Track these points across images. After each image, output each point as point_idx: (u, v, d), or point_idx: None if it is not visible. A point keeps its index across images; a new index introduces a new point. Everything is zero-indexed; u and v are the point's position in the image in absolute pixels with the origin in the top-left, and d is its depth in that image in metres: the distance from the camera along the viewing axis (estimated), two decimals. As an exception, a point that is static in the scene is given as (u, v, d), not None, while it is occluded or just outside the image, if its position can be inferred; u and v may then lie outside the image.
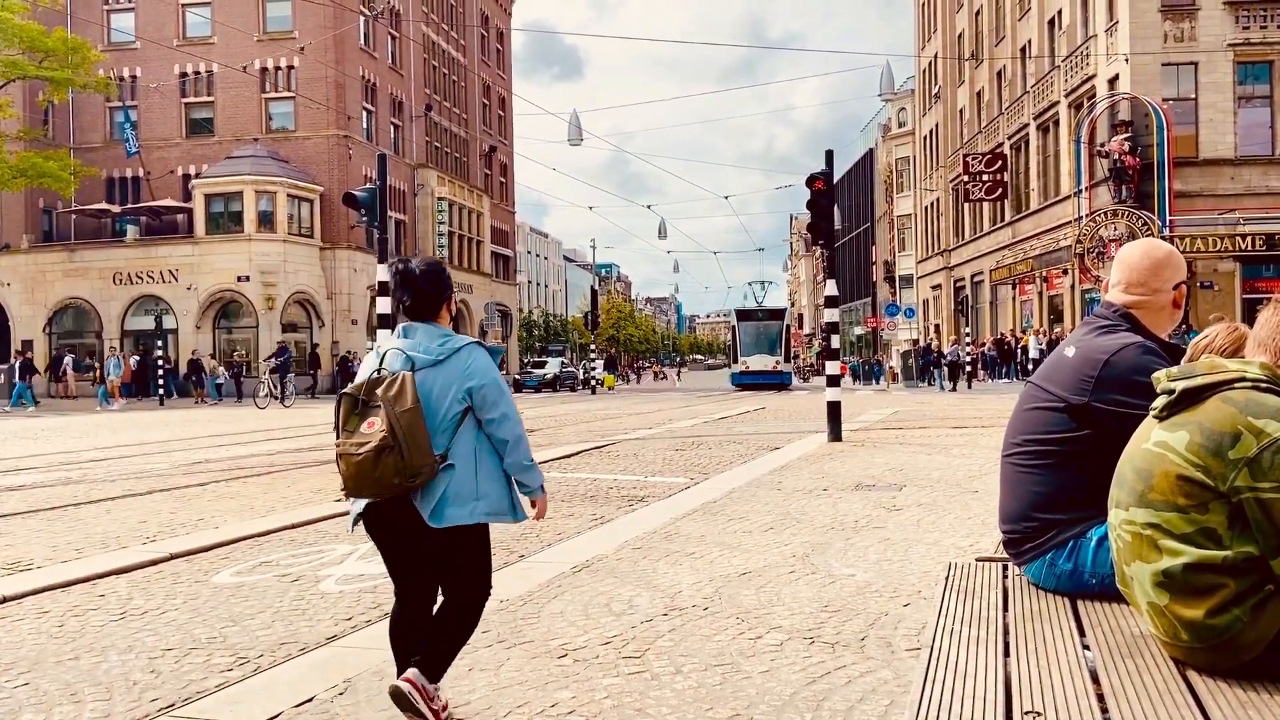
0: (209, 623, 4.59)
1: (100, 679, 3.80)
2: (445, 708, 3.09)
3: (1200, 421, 2.03)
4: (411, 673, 3.03)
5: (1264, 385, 2.06)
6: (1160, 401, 2.15)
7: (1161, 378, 2.20)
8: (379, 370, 3.08)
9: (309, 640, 4.28)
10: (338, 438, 3.04)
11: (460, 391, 3.06)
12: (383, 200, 10.79)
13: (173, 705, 3.48)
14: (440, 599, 3.18)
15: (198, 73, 41.38)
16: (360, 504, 3.08)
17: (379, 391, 2.98)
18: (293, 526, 7.18)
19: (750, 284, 54.15)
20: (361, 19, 42.37)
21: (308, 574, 5.59)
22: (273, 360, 30.10)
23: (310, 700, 3.45)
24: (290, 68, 41.15)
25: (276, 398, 28.50)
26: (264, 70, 41.29)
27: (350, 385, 3.12)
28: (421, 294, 3.17)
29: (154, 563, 5.95)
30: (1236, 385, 2.05)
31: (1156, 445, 2.10)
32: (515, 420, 3.15)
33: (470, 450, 3.06)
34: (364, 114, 43.39)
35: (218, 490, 9.50)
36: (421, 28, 48.61)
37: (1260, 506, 1.95)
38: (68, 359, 36.71)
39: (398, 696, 2.99)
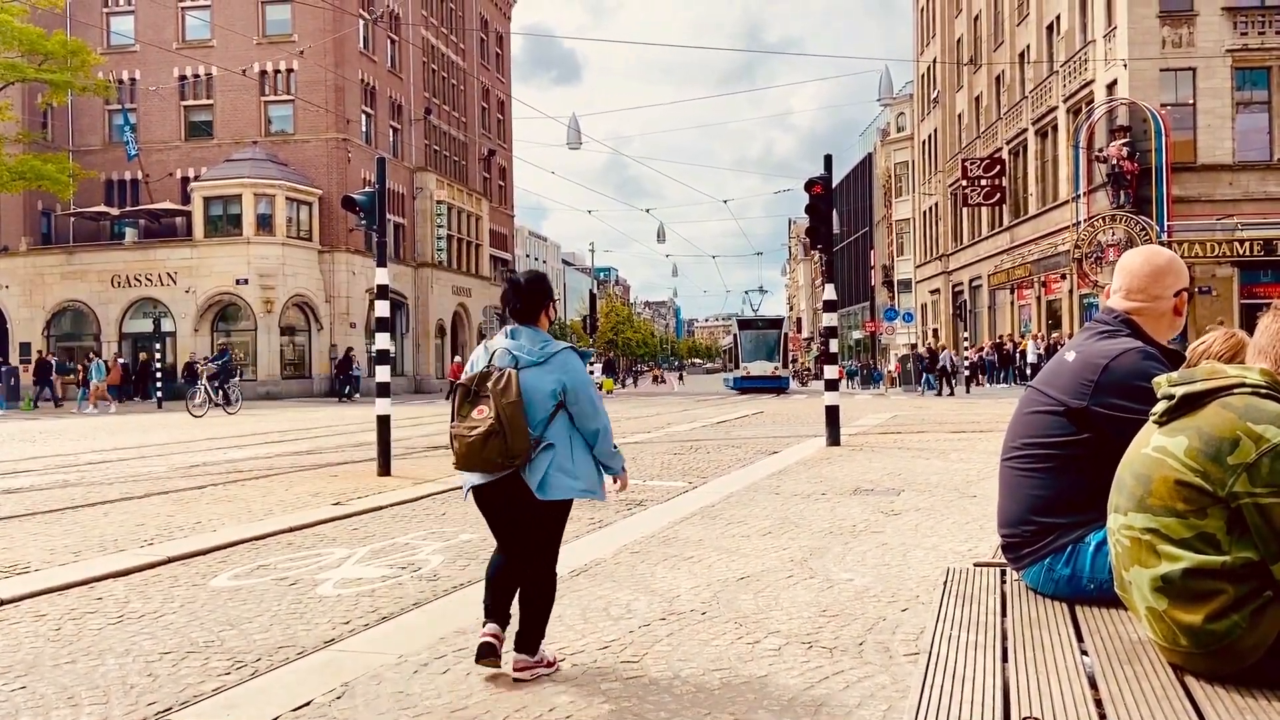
0: (206, 626, 4.58)
1: (97, 682, 3.79)
2: (553, 662, 3.74)
3: (1199, 427, 2.03)
4: (516, 659, 3.65)
5: (1264, 391, 2.06)
6: (1160, 407, 2.15)
7: (1162, 383, 2.20)
8: (489, 365, 3.64)
9: (306, 644, 4.27)
10: (453, 421, 3.64)
11: (556, 388, 3.61)
12: (381, 203, 10.77)
13: (170, 709, 3.48)
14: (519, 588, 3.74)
15: (197, 76, 41.40)
16: (471, 478, 3.65)
17: (489, 384, 3.56)
18: (290, 530, 7.17)
19: (747, 293, 54.52)
20: (361, 22, 42.42)
21: (305, 577, 5.59)
22: (211, 365, 27.90)
23: (308, 704, 3.45)
24: (289, 71, 41.18)
25: (217, 404, 26.31)
26: (263, 73, 41.31)
27: (464, 377, 3.68)
28: (526, 300, 3.76)
29: (151, 566, 5.95)
30: (1236, 391, 2.05)
31: (1156, 450, 2.10)
32: (602, 414, 3.71)
33: (566, 436, 3.63)
34: (363, 117, 43.41)
35: (215, 493, 9.49)
36: (421, 31, 48.65)
37: (1259, 512, 1.95)
38: (52, 362, 36.36)
39: (485, 648, 3.63)
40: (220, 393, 26.85)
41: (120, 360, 36.14)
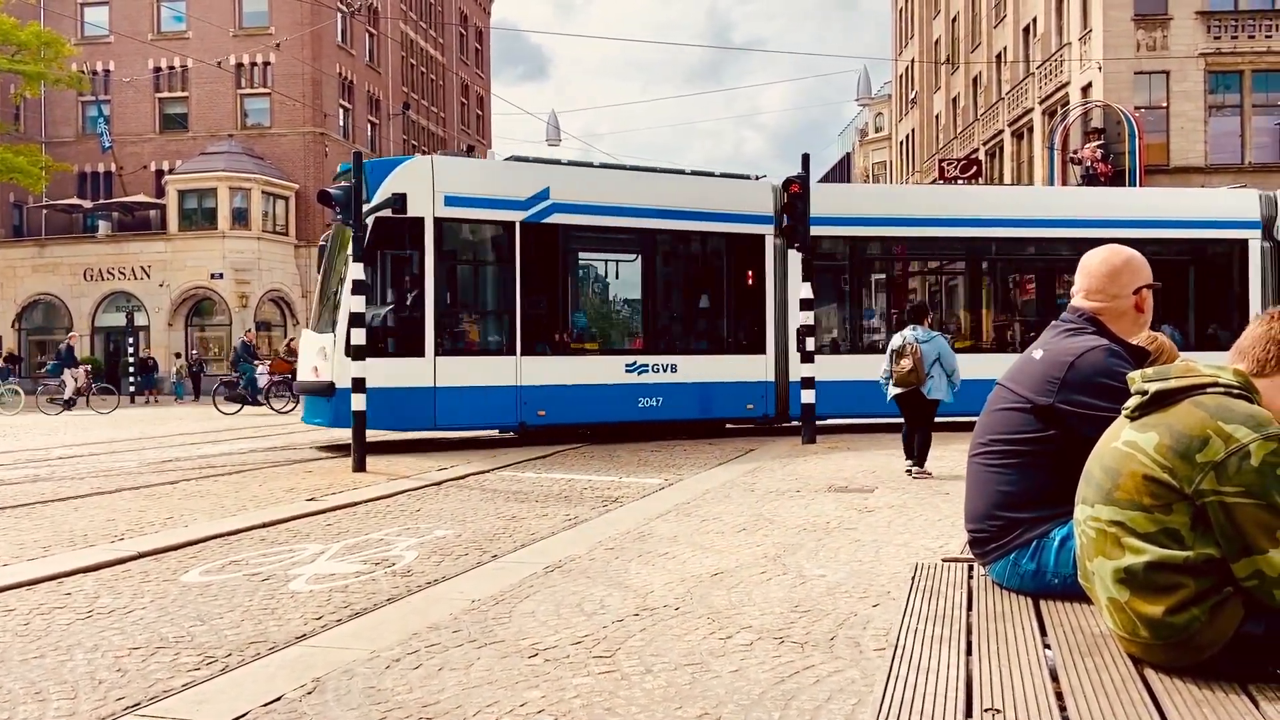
0: (177, 622, 4.55)
1: (65, 677, 3.76)
2: (931, 474, 9.26)
3: (1170, 424, 2.06)
4: (916, 470, 9.42)
5: (1236, 391, 2.10)
6: (1133, 401, 2.18)
7: (1135, 378, 2.24)
8: (904, 340, 9.38)
9: (278, 639, 4.25)
10: (890, 366, 9.46)
11: (934, 353, 9.34)
12: (358, 198, 10.73)
13: (139, 704, 3.46)
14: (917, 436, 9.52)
15: (172, 68, 41.00)
16: (895, 390, 9.43)
17: (906, 348, 9.30)
18: (264, 525, 7.14)
19: None
20: (339, 15, 42.12)
21: (278, 573, 5.56)
22: (57, 361, 25.62)
23: (278, 699, 3.44)
24: (266, 64, 40.85)
25: (63, 402, 24.41)
26: (239, 66, 40.96)
27: (893, 346, 9.51)
28: (914, 314, 9.67)
29: (122, 561, 5.90)
30: (1209, 390, 2.09)
31: (1126, 445, 2.13)
32: (956, 367, 9.48)
33: (940, 373, 9.33)
34: (341, 111, 43.13)
35: (188, 489, 9.42)
36: (400, 25, 48.40)
37: (1224, 510, 1.99)
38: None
39: (911, 470, 9.43)
40: (72, 390, 24.88)
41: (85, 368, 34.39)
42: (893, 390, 9.50)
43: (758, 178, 15.89)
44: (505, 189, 13.67)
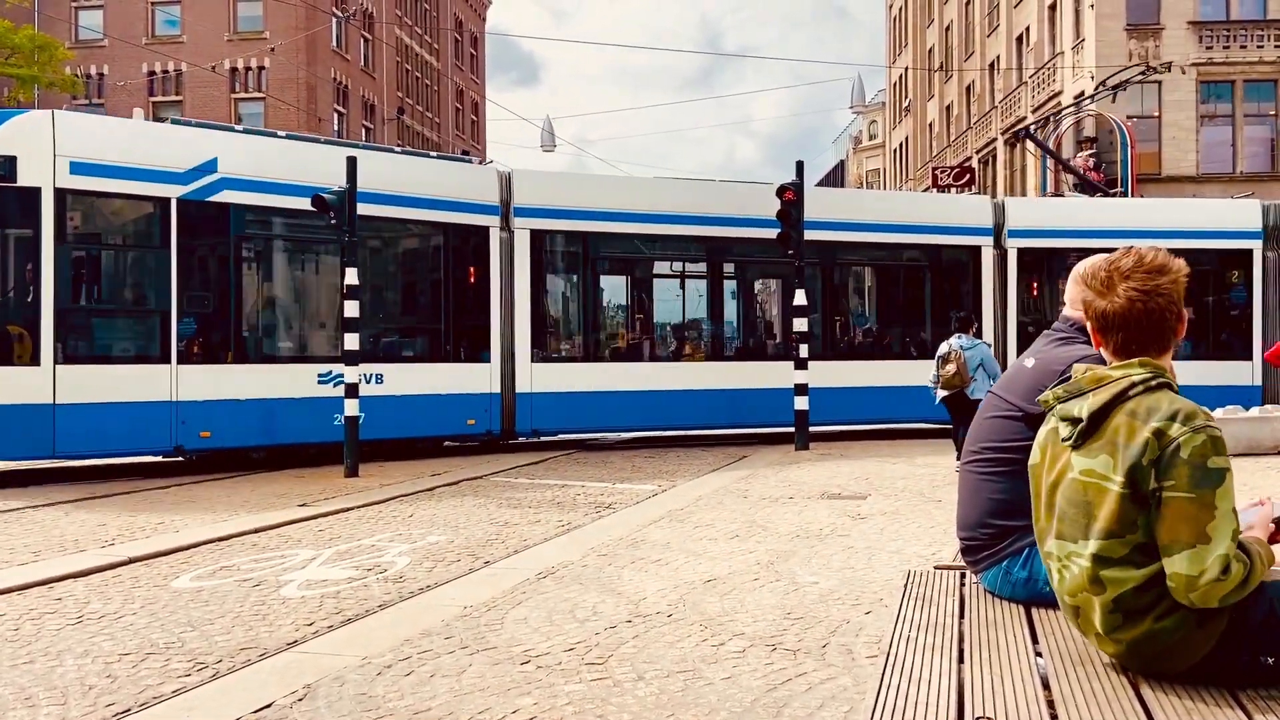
0: (167, 627, 4.54)
1: (55, 683, 3.74)
2: None
3: (1114, 440, 2.06)
4: None
5: (1154, 384, 2.10)
6: (1065, 430, 2.17)
7: (1049, 399, 2.23)
8: (949, 347, 10.38)
9: (269, 645, 4.24)
10: (937, 370, 10.44)
11: (977, 358, 10.28)
12: (351, 203, 10.71)
13: (129, 710, 3.44)
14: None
15: (166, 72, 40.93)
16: (942, 393, 10.43)
17: (951, 354, 10.30)
18: (255, 531, 7.12)
19: None
20: (334, 20, 42.14)
21: (269, 579, 5.55)
22: None
23: (269, 706, 3.43)
24: (261, 68, 40.82)
25: None
26: (234, 70, 40.92)
27: (940, 353, 10.52)
28: (960, 323, 10.80)
29: (112, 566, 5.88)
30: (1130, 394, 2.09)
31: (1084, 474, 2.11)
32: (998, 371, 9.68)
33: (983, 376, 10.08)
34: (335, 116, 43.10)
35: (179, 494, 9.39)
36: (395, 30, 48.42)
37: (1162, 505, 1.99)
38: None
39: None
40: None
41: None
42: (940, 393, 10.50)
43: (480, 163, 14.92)
44: (158, 157, 11.09)
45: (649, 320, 15.22)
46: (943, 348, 10.54)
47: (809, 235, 13.37)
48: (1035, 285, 16.07)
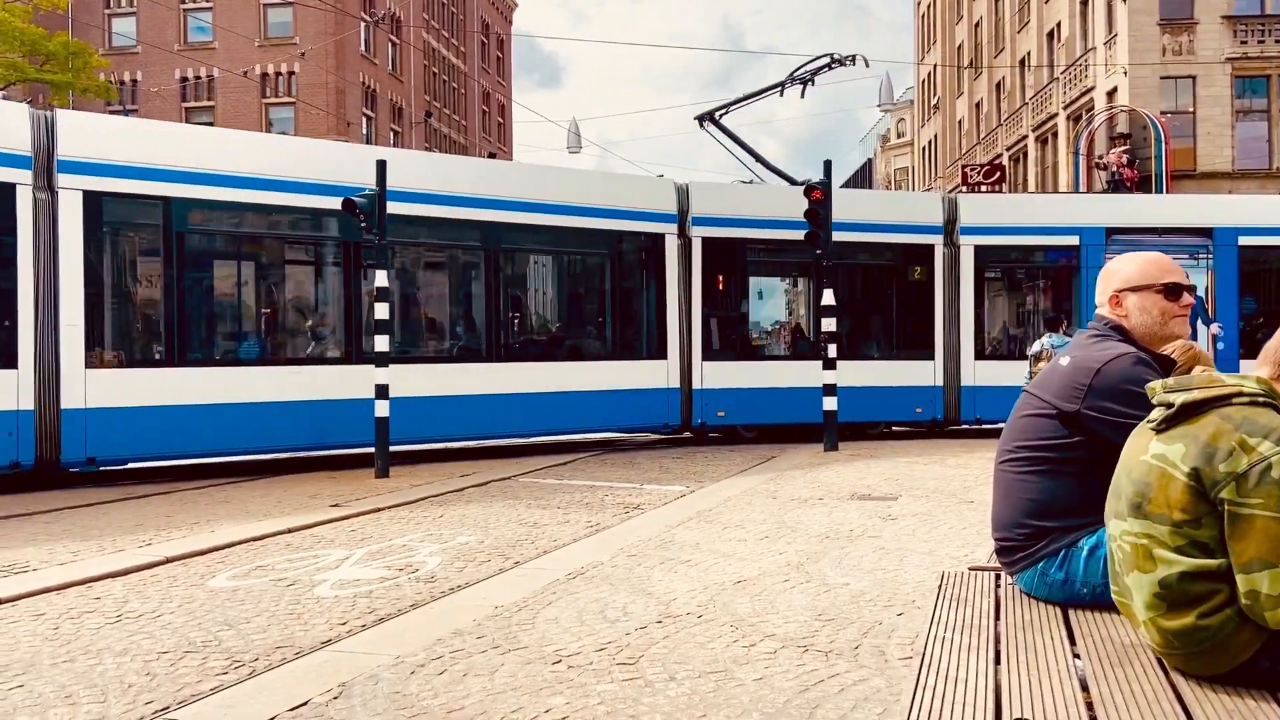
0: (204, 626, 4.59)
1: (95, 681, 3.80)
2: None
3: (1196, 435, 2.06)
4: None
5: (1261, 400, 2.08)
6: (1158, 414, 2.17)
7: (1157, 389, 2.22)
8: (1041, 346, 11.38)
9: (304, 644, 4.28)
10: (1030, 369, 11.55)
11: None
12: (382, 206, 10.79)
13: (167, 708, 3.49)
14: None
15: (198, 77, 41.44)
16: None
17: (1043, 353, 11.09)
18: (289, 531, 7.19)
19: None
20: (362, 25, 42.46)
21: (304, 578, 5.60)
22: None
23: (305, 704, 3.46)
24: (291, 73, 41.21)
25: None
26: (264, 75, 41.34)
27: (1031, 352, 11.69)
28: (1049, 323, 12.01)
29: (150, 566, 5.96)
30: (1234, 401, 2.08)
31: (1155, 458, 2.12)
32: None
33: None
34: (364, 120, 43.44)
35: (214, 494, 9.50)
36: (422, 34, 48.72)
37: (1240, 521, 1.98)
38: None
39: None
40: None
41: None
42: None
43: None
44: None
45: None
46: (1034, 346, 11.42)
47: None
48: (721, 277, 14.74)
